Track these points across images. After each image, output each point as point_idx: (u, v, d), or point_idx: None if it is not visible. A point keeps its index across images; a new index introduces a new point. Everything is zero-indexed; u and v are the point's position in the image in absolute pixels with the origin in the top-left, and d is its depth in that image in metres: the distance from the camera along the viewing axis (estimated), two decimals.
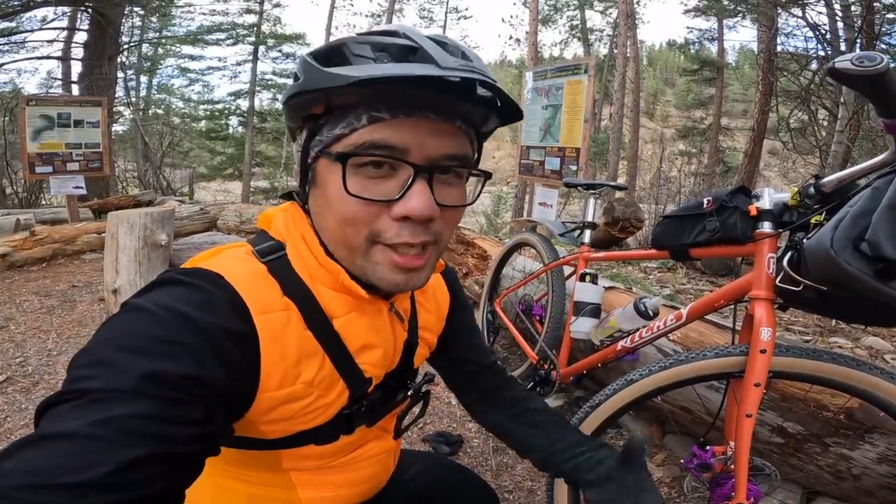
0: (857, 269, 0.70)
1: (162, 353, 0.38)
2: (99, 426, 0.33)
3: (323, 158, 0.48)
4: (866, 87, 0.64)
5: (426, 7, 20.43)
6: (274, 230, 0.55)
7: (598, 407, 0.99)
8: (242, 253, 0.52)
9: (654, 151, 16.39)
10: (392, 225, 0.46)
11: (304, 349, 0.50)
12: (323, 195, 0.49)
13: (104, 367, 0.37)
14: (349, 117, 0.46)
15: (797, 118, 7.03)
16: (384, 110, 0.45)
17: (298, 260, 0.52)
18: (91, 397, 0.35)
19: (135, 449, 0.34)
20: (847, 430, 1.12)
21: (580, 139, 3.21)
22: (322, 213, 0.50)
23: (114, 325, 0.41)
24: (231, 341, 0.43)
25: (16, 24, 8.56)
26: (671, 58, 38.49)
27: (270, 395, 0.48)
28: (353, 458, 0.62)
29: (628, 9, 11.17)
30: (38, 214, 5.66)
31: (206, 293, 0.44)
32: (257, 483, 0.58)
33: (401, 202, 0.46)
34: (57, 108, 5.05)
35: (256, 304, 0.46)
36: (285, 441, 0.53)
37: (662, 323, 1.16)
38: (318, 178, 0.49)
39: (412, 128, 0.45)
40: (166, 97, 16.53)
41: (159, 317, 0.41)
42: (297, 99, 0.47)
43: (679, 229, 1.15)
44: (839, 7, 5.92)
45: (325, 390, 0.53)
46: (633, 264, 3.90)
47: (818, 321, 2.28)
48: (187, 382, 0.38)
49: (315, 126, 0.48)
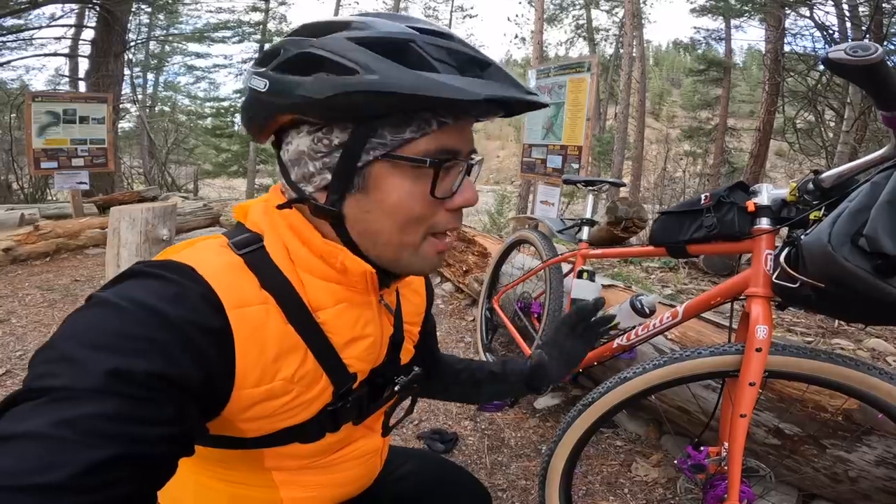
0: (856, 266, 0.68)
1: (129, 349, 0.36)
2: (62, 426, 0.32)
3: (382, 162, 0.46)
4: (861, 77, 0.63)
5: (431, 6, 20.42)
6: (250, 222, 0.53)
7: (591, 405, 0.98)
8: (217, 245, 0.49)
9: (660, 152, 16.31)
10: (446, 216, 0.51)
11: (284, 344, 0.48)
12: (378, 200, 0.47)
13: (67, 363, 0.35)
14: (417, 121, 0.45)
15: (804, 119, 6.97)
16: (449, 116, 0.47)
17: (279, 250, 0.50)
18: (53, 396, 0.33)
19: (100, 450, 0.32)
20: (845, 432, 1.10)
21: (582, 137, 3.19)
22: (370, 218, 0.48)
23: (77, 320, 0.39)
24: (204, 337, 0.41)
25: (24, 21, 8.62)
26: (677, 58, 38.31)
27: (247, 393, 0.46)
28: (339, 458, 0.60)
29: (634, 8, 11.12)
30: (43, 209, 5.70)
31: (177, 286, 0.42)
32: (239, 483, 0.56)
33: (459, 194, 0.50)
34: (62, 105, 5.08)
35: (231, 298, 0.44)
36: (268, 439, 0.51)
37: (658, 321, 1.15)
38: (372, 181, 0.47)
39: (465, 131, 0.50)
40: (173, 94, 16.63)
41: (126, 311, 0.38)
42: (359, 97, 0.42)
43: (676, 226, 1.13)
44: (847, 7, 5.85)
45: (307, 386, 0.51)
46: (636, 263, 3.87)
47: (820, 322, 2.25)
48: (156, 380, 0.37)
49: (367, 128, 0.45)
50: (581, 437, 1.00)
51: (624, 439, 1.67)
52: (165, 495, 0.44)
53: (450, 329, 2.71)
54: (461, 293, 3.22)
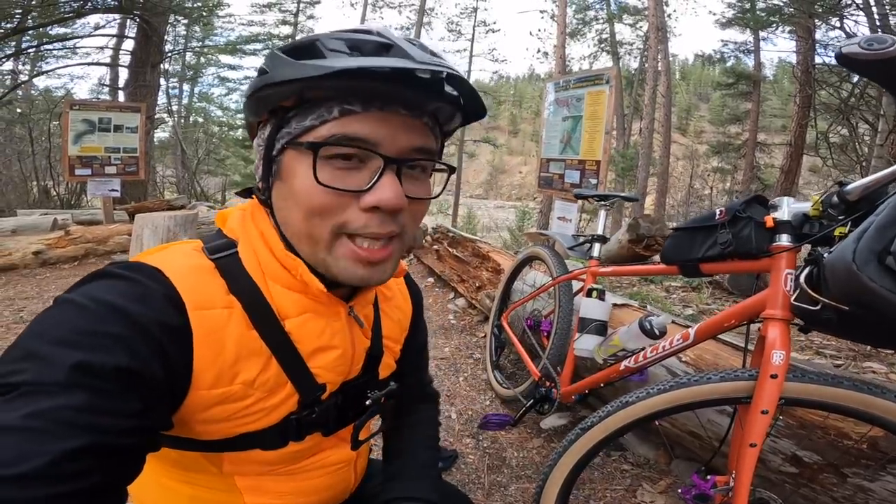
0: (882, 286, 0.61)
1: (94, 344, 0.37)
2: (32, 418, 0.33)
3: (290, 150, 0.48)
4: (879, 72, 0.58)
5: (454, 21, 20.62)
6: (227, 228, 0.54)
7: (590, 429, 0.92)
8: (190, 249, 0.51)
9: (686, 168, 15.97)
10: (360, 216, 0.46)
11: (244, 348, 0.48)
12: (289, 188, 0.48)
13: (33, 360, 0.36)
14: (320, 109, 0.46)
15: (837, 133, 6.69)
16: (357, 103, 0.45)
17: (251, 258, 0.51)
18: (22, 391, 0.34)
19: (70, 440, 0.33)
20: (868, 461, 1.01)
21: (601, 152, 3.12)
22: (286, 206, 0.49)
23: (43, 320, 0.39)
24: (166, 335, 0.42)
25: (70, 29, 9.10)
26: (705, 72, 37.70)
27: (203, 394, 0.46)
28: (305, 466, 0.59)
29: (658, 22, 11.00)
30: (76, 215, 5.93)
31: (142, 287, 0.43)
32: (200, 486, 0.56)
33: (371, 192, 0.46)
34: (98, 113, 5.30)
35: (193, 300, 0.45)
36: (226, 443, 0.51)
37: (668, 343, 1.08)
38: (284, 170, 0.48)
39: (383, 121, 0.46)
40: (206, 105, 17.26)
41: (90, 310, 0.40)
42: (265, 91, 0.46)
43: (689, 243, 1.07)
44: (878, 16, 5.64)
45: (269, 392, 0.51)
46: (657, 282, 3.75)
47: (852, 345, 2.11)
48: (121, 374, 0.37)
49: (282, 119, 0.48)
50: (578, 461, 0.94)
51: (632, 463, 1.57)
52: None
53: (460, 345, 2.66)
54: (474, 309, 3.17)
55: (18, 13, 6.99)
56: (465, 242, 3.68)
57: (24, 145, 9.71)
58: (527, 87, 47.89)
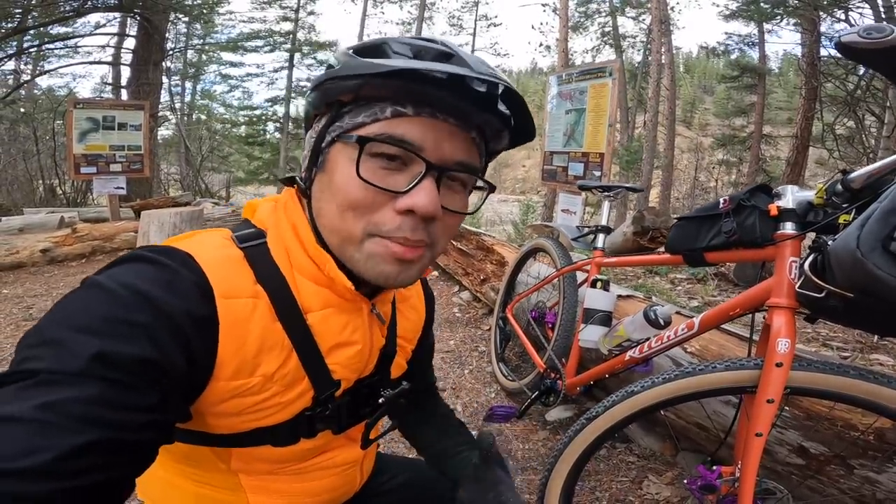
0: (887, 273, 0.61)
1: (115, 333, 0.36)
2: (45, 410, 0.32)
3: (338, 143, 0.48)
4: (878, 61, 0.57)
5: (456, 15, 20.55)
6: (257, 219, 0.54)
7: (595, 419, 0.93)
8: (220, 237, 0.50)
9: (691, 160, 15.85)
10: (394, 218, 0.46)
11: (267, 340, 0.48)
12: (329, 179, 0.48)
13: (53, 346, 0.35)
14: (374, 108, 0.46)
15: (843, 125, 6.62)
16: (409, 105, 0.45)
17: (279, 249, 0.51)
18: (38, 379, 0.33)
19: (82, 435, 0.32)
20: (875, 452, 1.01)
21: (604, 144, 3.12)
22: (323, 197, 0.49)
23: (68, 303, 0.39)
24: (192, 325, 0.41)
25: (70, 28, 9.12)
26: (709, 65, 37.35)
27: (222, 385, 0.45)
28: (312, 466, 0.59)
29: (662, 14, 10.88)
30: (82, 213, 5.97)
31: (172, 273, 0.43)
32: (205, 483, 0.55)
33: (408, 195, 0.45)
34: (102, 112, 5.33)
35: (222, 288, 0.45)
36: (238, 438, 0.50)
37: (673, 333, 1.08)
38: (329, 162, 0.49)
39: (432, 127, 0.46)
40: (209, 102, 17.27)
41: (117, 295, 0.38)
42: (329, 84, 0.47)
43: (693, 232, 1.07)
44: (883, 8, 5.56)
45: (286, 387, 0.50)
46: (662, 274, 3.74)
47: (859, 336, 2.11)
48: (141, 365, 0.36)
49: (337, 113, 0.48)
50: (583, 452, 0.94)
51: (637, 454, 1.58)
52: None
53: (465, 338, 2.67)
54: (478, 302, 3.18)
55: (19, 13, 7.01)
56: (470, 236, 3.68)
57: (29, 144, 9.76)
58: (529, 81, 47.59)
